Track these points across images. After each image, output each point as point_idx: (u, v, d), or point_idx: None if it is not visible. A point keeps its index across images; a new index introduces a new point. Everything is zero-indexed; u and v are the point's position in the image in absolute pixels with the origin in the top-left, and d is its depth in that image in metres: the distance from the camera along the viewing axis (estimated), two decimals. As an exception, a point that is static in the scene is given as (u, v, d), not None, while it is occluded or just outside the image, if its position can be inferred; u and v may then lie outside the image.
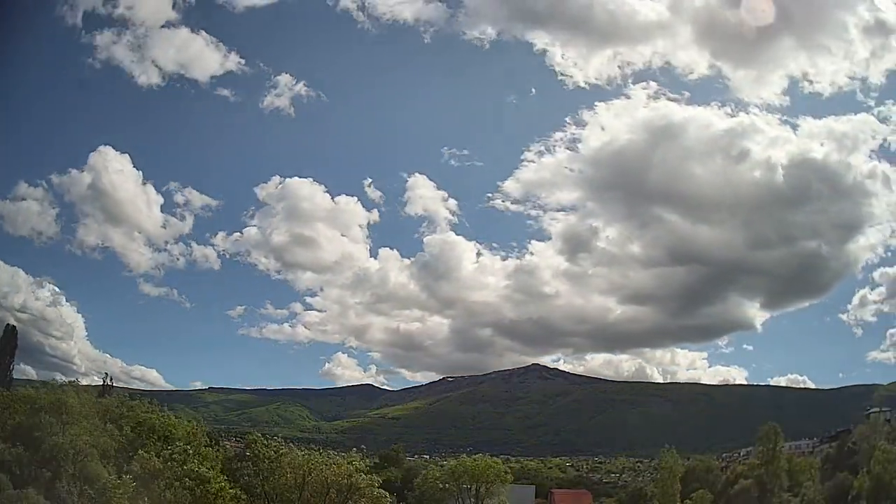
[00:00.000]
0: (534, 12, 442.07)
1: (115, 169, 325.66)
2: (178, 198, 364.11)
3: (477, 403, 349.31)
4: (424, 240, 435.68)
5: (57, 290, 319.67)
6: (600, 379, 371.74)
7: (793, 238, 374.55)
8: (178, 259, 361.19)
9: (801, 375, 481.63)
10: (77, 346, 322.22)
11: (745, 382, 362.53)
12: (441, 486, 77.60)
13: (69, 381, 60.57)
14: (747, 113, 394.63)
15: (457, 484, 76.65)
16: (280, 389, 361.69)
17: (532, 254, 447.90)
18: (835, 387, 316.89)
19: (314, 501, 56.64)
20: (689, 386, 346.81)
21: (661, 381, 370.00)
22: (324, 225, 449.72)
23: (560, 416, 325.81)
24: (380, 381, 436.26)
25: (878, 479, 61.06)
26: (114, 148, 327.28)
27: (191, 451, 50.89)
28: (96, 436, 47.90)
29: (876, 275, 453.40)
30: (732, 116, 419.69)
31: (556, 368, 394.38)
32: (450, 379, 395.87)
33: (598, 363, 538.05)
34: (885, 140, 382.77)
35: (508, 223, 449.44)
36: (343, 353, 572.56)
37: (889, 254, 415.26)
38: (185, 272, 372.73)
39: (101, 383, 70.15)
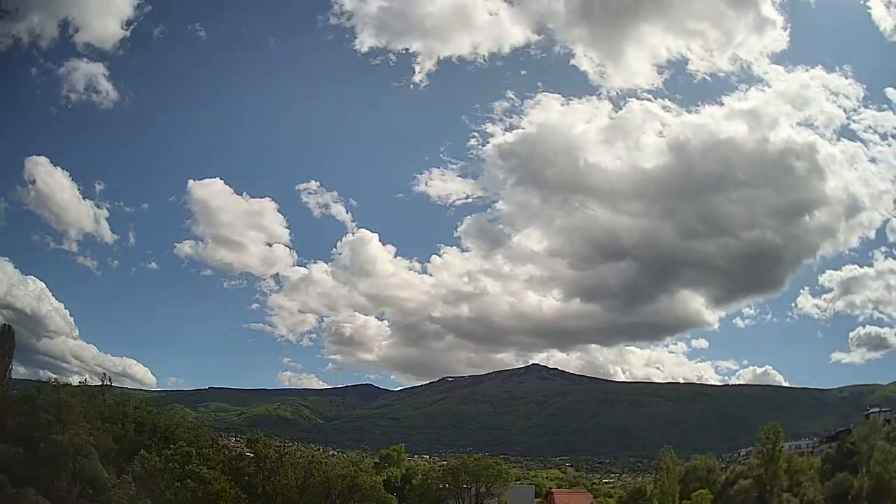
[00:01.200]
0: (388, 24, 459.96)
1: (54, 179, 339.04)
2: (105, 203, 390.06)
3: (477, 403, 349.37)
4: (337, 245, 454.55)
5: (44, 287, 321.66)
6: (600, 379, 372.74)
7: (729, 227, 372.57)
8: (130, 268, 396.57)
9: (761, 367, 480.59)
10: (67, 344, 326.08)
11: (717, 382, 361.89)
12: (441, 485, 77.67)
13: (78, 382, 60.58)
14: (638, 99, 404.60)
15: (456, 483, 76.71)
16: (281, 389, 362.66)
17: (445, 255, 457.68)
18: (834, 387, 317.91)
19: (316, 502, 56.71)
20: (689, 386, 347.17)
21: (659, 380, 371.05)
22: (247, 229, 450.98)
23: (560, 416, 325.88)
24: (335, 381, 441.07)
25: (878, 479, 60.97)
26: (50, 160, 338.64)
27: (193, 452, 50.88)
28: (96, 436, 47.85)
29: (831, 269, 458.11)
30: (624, 102, 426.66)
31: (557, 368, 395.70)
32: (450, 379, 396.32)
33: (555, 361, 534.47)
34: (807, 115, 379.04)
35: (417, 227, 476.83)
36: (288, 356, 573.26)
37: (847, 249, 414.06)
38: (138, 276, 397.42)
39: (101, 383, 70.05)
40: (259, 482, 56.57)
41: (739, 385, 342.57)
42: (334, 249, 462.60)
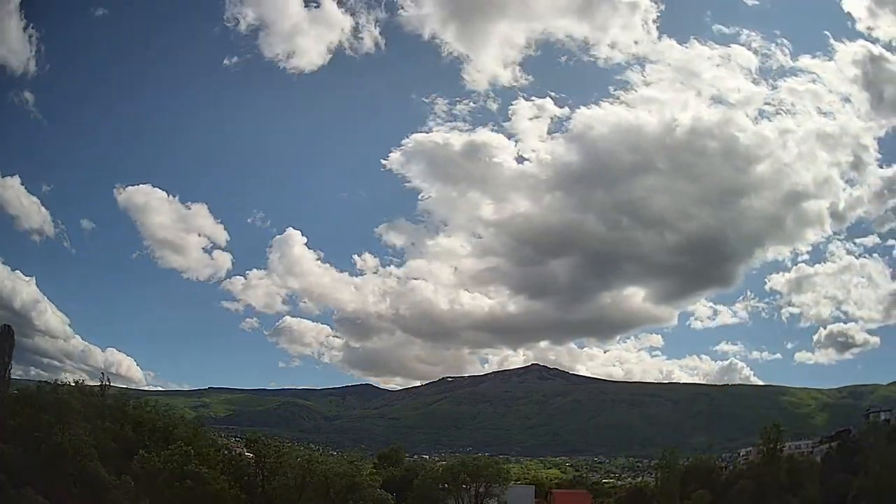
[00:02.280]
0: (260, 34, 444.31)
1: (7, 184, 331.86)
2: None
3: (477, 403, 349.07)
4: (269, 250, 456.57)
5: (35, 287, 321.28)
6: (600, 379, 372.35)
7: (660, 218, 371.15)
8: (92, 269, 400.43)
9: (722, 362, 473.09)
10: (59, 343, 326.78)
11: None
12: (440, 485, 77.65)
13: (74, 382, 60.53)
14: (526, 98, 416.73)
15: (456, 483, 76.69)
16: (280, 389, 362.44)
17: (369, 257, 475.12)
18: (834, 387, 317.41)
19: (315, 501, 56.70)
20: (688, 386, 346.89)
21: (660, 381, 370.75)
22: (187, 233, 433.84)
23: (560, 416, 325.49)
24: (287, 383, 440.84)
25: (878, 479, 60.97)
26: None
27: (192, 452, 50.87)
28: (96, 436, 47.85)
29: (788, 264, 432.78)
30: (512, 100, 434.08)
31: (556, 368, 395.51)
32: (450, 379, 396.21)
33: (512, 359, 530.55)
34: (716, 92, 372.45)
35: (338, 231, 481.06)
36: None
37: (802, 242, 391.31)
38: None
39: (100, 383, 70.03)
40: (258, 482, 56.59)
41: (739, 385, 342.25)
42: (267, 255, 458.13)
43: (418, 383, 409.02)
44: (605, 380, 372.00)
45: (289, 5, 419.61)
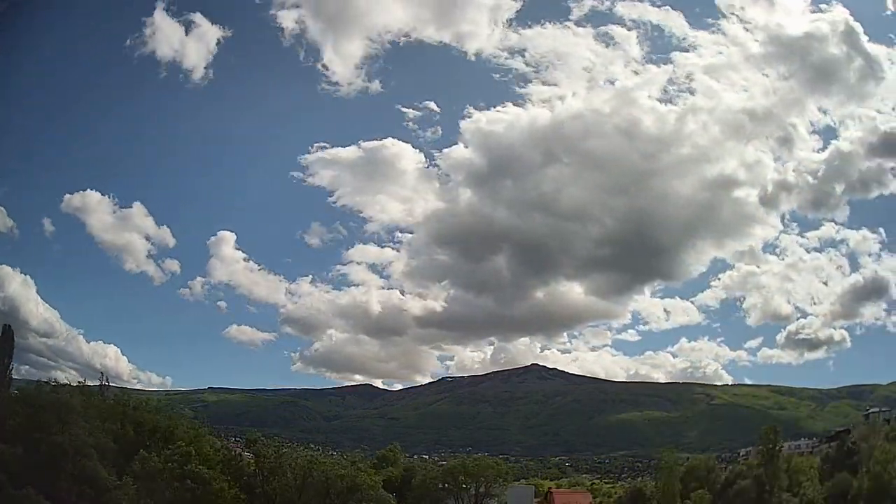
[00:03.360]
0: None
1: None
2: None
3: (477, 403, 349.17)
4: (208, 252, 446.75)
5: (30, 283, 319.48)
6: (600, 379, 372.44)
7: (576, 209, 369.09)
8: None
9: (679, 358, 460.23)
10: (53, 342, 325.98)
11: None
12: (440, 485, 77.75)
13: (76, 382, 60.53)
14: (404, 104, 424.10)
15: (456, 484, 76.79)
16: (280, 389, 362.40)
17: (294, 264, 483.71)
18: (833, 387, 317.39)
19: (315, 502, 56.77)
20: (689, 386, 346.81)
21: (661, 381, 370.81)
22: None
23: (560, 416, 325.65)
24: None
25: (878, 479, 61.00)
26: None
27: (192, 452, 50.91)
28: (96, 436, 47.82)
29: (736, 258, 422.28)
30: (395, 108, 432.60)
31: (556, 368, 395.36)
32: (449, 379, 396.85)
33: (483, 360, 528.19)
34: (606, 73, 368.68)
35: (266, 234, 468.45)
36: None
37: (749, 235, 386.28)
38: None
39: (100, 383, 70.13)
40: (258, 482, 56.64)
41: (739, 385, 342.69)
42: (206, 259, 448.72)
43: (379, 381, 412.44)
44: (605, 380, 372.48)
45: (170, 30, 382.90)
